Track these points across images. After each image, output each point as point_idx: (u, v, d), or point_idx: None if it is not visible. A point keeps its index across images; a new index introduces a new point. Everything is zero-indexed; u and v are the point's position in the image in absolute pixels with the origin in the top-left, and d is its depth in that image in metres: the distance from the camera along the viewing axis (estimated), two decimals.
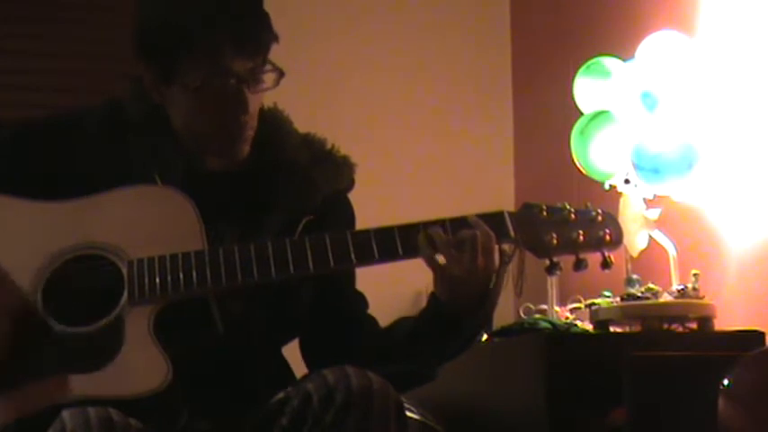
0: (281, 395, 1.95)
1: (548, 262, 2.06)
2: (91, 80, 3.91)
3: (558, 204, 2.08)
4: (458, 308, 2.02)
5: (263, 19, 2.07)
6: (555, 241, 2.04)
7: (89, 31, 4.08)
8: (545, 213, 2.06)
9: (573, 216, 2.07)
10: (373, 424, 1.85)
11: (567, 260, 2.07)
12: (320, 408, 1.85)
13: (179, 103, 2.08)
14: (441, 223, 2.02)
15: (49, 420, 1.83)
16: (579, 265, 2.06)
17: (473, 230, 2.00)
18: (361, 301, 2.20)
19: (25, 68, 4.00)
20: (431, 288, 2.05)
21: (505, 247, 2.05)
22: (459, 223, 2.03)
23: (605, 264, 2.07)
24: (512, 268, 2.09)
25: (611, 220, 2.09)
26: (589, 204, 2.11)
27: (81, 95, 3.77)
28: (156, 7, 2.09)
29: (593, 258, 2.07)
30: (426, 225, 2.02)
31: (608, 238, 2.07)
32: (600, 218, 2.08)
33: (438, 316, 2.04)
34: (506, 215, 2.05)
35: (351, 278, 2.20)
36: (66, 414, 1.82)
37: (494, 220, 2.05)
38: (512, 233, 2.04)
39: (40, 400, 1.90)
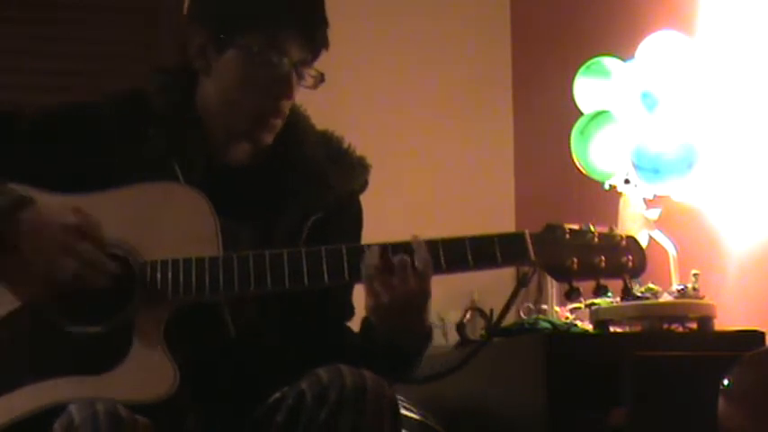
0: (277, 394, 1.95)
1: (567, 286, 2.02)
2: (91, 80, 3.91)
3: (583, 227, 2.04)
4: (388, 331, 2.00)
5: (325, 23, 2.10)
6: (576, 266, 2.00)
7: (89, 31, 4.09)
8: (568, 236, 2.02)
9: (596, 240, 2.02)
10: (366, 422, 1.85)
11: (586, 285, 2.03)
12: (314, 406, 1.85)
13: (227, 70, 2.07)
14: (383, 246, 1.98)
15: (53, 420, 1.82)
16: (599, 291, 2.02)
17: (402, 256, 1.96)
18: (350, 310, 2.19)
19: (25, 68, 4.00)
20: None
21: (524, 268, 2.01)
22: (401, 247, 1.98)
23: (626, 291, 2.04)
24: (528, 288, 2.05)
25: (635, 246, 2.04)
26: (614, 228, 2.05)
27: (81, 95, 3.75)
28: None
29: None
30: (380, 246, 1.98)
31: (630, 264, 2.02)
32: (624, 243, 2.03)
33: (371, 340, 2.02)
34: (527, 236, 2.01)
35: (350, 288, 2.17)
36: (73, 407, 1.81)
37: (514, 241, 2.01)
38: (532, 255, 2.00)
39: (45, 401, 1.90)
